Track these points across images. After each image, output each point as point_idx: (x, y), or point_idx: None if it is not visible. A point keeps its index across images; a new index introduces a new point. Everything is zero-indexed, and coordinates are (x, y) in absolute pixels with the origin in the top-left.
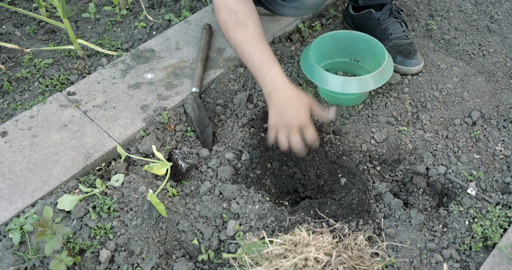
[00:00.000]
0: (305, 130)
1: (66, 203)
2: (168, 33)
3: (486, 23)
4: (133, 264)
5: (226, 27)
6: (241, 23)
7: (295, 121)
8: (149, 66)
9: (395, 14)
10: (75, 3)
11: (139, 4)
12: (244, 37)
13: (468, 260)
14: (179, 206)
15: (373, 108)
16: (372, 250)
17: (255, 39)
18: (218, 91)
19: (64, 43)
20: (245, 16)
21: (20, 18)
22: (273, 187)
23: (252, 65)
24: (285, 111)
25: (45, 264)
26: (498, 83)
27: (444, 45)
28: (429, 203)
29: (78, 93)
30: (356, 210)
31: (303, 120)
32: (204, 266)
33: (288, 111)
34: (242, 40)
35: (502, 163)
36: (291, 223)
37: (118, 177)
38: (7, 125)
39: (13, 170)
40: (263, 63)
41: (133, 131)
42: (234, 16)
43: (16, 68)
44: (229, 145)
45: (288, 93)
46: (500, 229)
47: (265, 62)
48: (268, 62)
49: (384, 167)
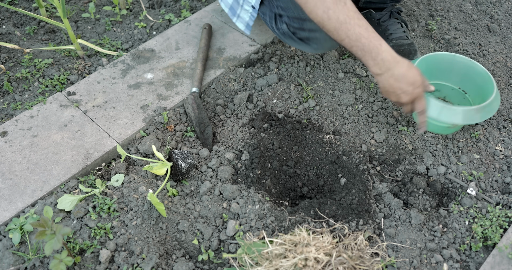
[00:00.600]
0: (417, 101)
1: (66, 203)
2: (168, 33)
3: (486, 23)
4: (133, 264)
5: (324, 7)
6: (340, 0)
7: (410, 96)
8: (149, 66)
9: (395, 14)
10: (75, 3)
11: (139, 4)
12: (348, 16)
13: (468, 260)
14: (179, 206)
15: (373, 108)
16: (372, 250)
17: (358, 16)
18: (218, 91)
19: (64, 43)
20: None
21: (20, 18)
22: (273, 187)
23: (360, 46)
24: (399, 87)
25: (45, 264)
26: (498, 83)
27: (444, 45)
28: (429, 203)
29: (78, 93)
30: (356, 210)
31: (416, 92)
32: (204, 266)
33: (403, 86)
34: (345, 20)
35: (502, 163)
36: (291, 223)
37: (118, 177)
38: (7, 125)
39: (13, 170)
40: (373, 43)
41: (133, 131)
42: None
43: (16, 68)
44: (229, 145)
45: (402, 68)
46: (500, 229)
47: (374, 41)
48: (376, 41)
49: (384, 167)
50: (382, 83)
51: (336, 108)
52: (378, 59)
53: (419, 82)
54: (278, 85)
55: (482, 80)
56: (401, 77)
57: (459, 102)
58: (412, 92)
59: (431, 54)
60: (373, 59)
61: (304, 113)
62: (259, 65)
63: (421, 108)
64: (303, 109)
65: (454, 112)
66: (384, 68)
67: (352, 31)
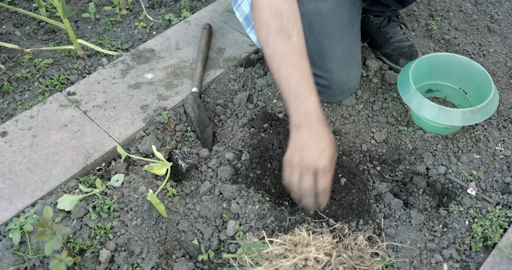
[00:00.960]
0: (322, 175)
1: (66, 203)
2: (168, 33)
3: (486, 23)
4: (133, 264)
5: (266, 31)
6: (286, 31)
7: (315, 162)
8: (149, 66)
9: (393, 18)
10: (75, 3)
11: (139, 4)
12: (286, 51)
13: (468, 260)
14: (179, 206)
15: (373, 108)
16: (372, 250)
17: (297, 55)
18: (218, 91)
19: (64, 43)
20: (290, 21)
21: (20, 18)
22: (273, 187)
23: (287, 87)
24: (308, 147)
25: (45, 264)
26: (498, 83)
27: (444, 45)
28: (429, 203)
29: (78, 93)
30: (356, 210)
31: (323, 163)
32: (204, 266)
33: (312, 149)
34: (282, 53)
35: (502, 163)
36: (291, 223)
37: (118, 177)
38: (7, 125)
39: (13, 170)
40: (301, 89)
41: (133, 131)
42: (278, 19)
43: (16, 68)
44: (229, 145)
45: (319, 130)
46: (500, 229)
47: (303, 88)
48: (307, 89)
49: (384, 167)
50: (295, 138)
51: (336, 108)
52: (301, 108)
53: (330, 153)
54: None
55: (481, 80)
56: (314, 138)
57: (459, 102)
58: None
59: (431, 54)
60: (296, 106)
61: None
62: (259, 65)
63: (324, 186)
64: None
65: (451, 114)
66: (303, 121)
67: (285, 68)
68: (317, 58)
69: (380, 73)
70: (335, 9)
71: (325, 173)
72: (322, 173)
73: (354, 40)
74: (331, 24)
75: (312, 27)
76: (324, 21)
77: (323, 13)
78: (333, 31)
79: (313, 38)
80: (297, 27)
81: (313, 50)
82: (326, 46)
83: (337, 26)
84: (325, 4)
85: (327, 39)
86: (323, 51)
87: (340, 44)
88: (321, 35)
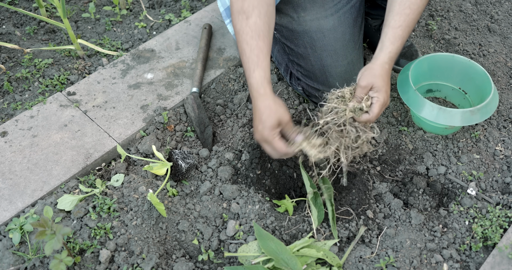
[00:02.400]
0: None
1: (66, 203)
2: (168, 33)
3: (486, 23)
4: (133, 264)
5: (231, 11)
6: (245, 13)
7: (259, 134)
8: (149, 66)
9: None
10: (75, 3)
11: (139, 4)
12: (242, 29)
13: (468, 260)
14: (179, 206)
15: None
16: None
17: (251, 34)
18: (218, 91)
19: (64, 43)
20: (251, 5)
21: (20, 18)
22: (273, 187)
23: (242, 61)
24: (254, 120)
25: (45, 264)
26: (498, 83)
27: (444, 45)
28: (429, 203)
29: (78, 93)
30: (356, 210)
31: (264, 134)
32: (204, 266)
33: (256, 121)
34: (239, 31)
35: (502, 163)
36: (291, 223)
37: (118, 177)
38: (7, 125)
39: (13, 170)
40: (249, 65)
41: (133, 131)
42: (240, 2)
43: (16, 68)
44: (229, 145)
45: (261, 103)
46: (500, 229)
47: (250, 64)
48: (253, 64)
49: (384, 167)
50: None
51: None
52: (248, 81)
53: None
54: (278, 85)
55: (481, 80)
56: (257, 110)
57: (459, 103)
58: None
59: (431, 54)
60: (247, 79)
61: (304, 113)
62: None
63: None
64: (303, 109)
65: (451, 114)
66: (251, 93)
67: (240, 44)
68: (320, 74)
69: None
70: (338, 26)
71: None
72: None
73: (357, 56)
74: (334, 41)
75: (315, 44)
76: (326, 38)
77: (325, 31)
78: (335, 48)
79: (316, 55)
80: (259, 10)
81: (316, 67)
82: (328, 63)
83: (340, 44)
84: (327, 21)
85: (330, 56)
86: (325, 68)
87: (342, 61)
88: (323, 52)
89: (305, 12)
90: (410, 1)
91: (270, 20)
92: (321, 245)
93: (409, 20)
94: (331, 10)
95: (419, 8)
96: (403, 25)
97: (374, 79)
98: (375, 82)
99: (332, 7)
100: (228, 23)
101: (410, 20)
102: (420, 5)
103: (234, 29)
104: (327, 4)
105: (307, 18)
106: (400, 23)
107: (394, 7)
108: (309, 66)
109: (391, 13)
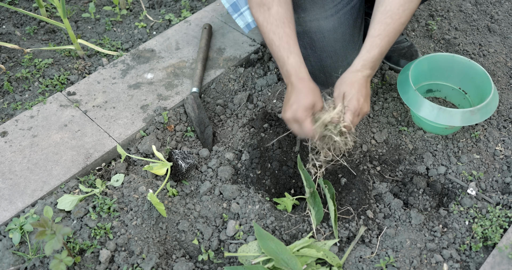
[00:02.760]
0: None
1: (66, 203)
2: (168, 33)
3: (486, 23)
4: (133, 264)
5: (250, 5)
6: (265, 4)
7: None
8: (149, 66)
9: None
10: (75, 3)
11: (139, 4)
12: (266, 20)
13: (468, 260)
14: (179, 206)
15: (374, 108)
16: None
17: (276, 23)
18: (218, 91)
19: (64, 43)
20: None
21: (20, 18)
22: (273, 187)
23: (272, 51)
24: (288, 99)
25: (45, 264)
26: (498, 83)
27: (444, 45)
28: (429, 203)
29: (78, 93)
30: (356, 210)
31: (298, 113)
32: (204, 266)
33: (290, 100)
34: (263, 23)
35: (502, 163)
36: (291, 223)
37: (118, 177)
38: (7, 125)
39: (13, 170)
40: (281, 53)
41: (133, 131)
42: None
43: (16, 68)
44: (229, 145)
45: (301, 84)
46: (500, 229)
47: (282, 52)
48: (285, 52)
49: (384, 167)
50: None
51: None
52: (283, 69)
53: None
54: (278, 85)
55: (481, 80)
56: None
57: (459, 103)
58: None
59: (431, 54)
60: (281, 67)
61: None
62: (259, 65)
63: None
64: None
65: (451, 114)
66: (287, 79)
67: (267, 35)
68: (320, 75)
69: (380, 73)
70: (338, 27)
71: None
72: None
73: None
74: (333, 42)
75: (314, 45)
76: (326, 39)
77: (325, 32)
78: (335, 49)
79: (315, 56)
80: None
81: (315, 68)
82: (328, 64)
83: (339, 45)
84: (327, 22)
85: (329, 57)
86: (325, 69)
87: (342, 62)
88: (323, 53)
89: (305, 13)
90: (392, 11)
91: (290, 6)
92: (321, 245)
93: (389, 29)
94: (331, 11)
95: (401, 18)
96: (382, 34)
97: (345, 87)
98: (346, 91)
99: (332, 7)
100: (236, 17)
101: (391, 29)
102: (403, 15)
103: (257, 22)
104: (327, 5)
105: (307, 18)
106: (379, 32)
107: (376, 16)
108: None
109: (372, 22)
